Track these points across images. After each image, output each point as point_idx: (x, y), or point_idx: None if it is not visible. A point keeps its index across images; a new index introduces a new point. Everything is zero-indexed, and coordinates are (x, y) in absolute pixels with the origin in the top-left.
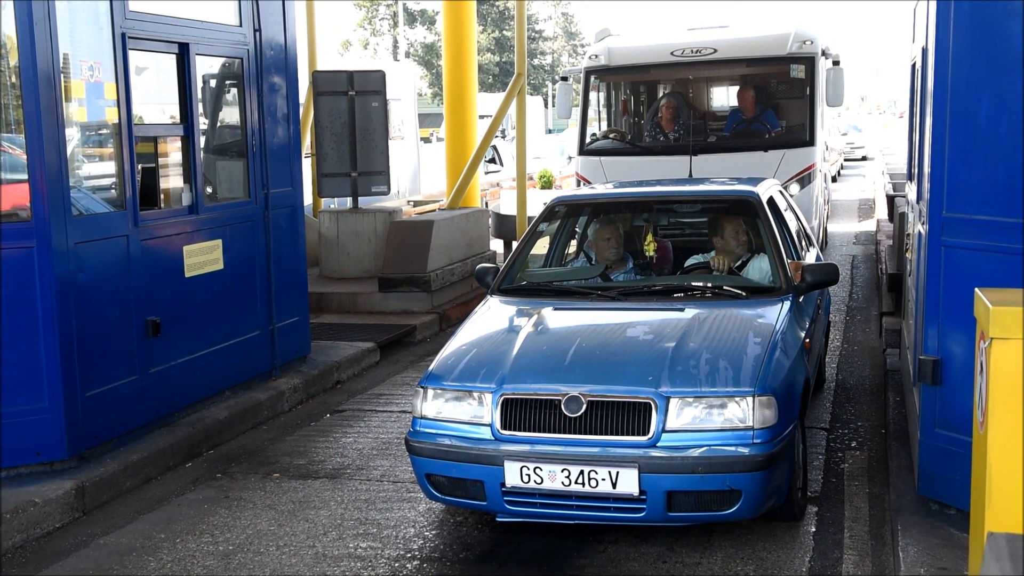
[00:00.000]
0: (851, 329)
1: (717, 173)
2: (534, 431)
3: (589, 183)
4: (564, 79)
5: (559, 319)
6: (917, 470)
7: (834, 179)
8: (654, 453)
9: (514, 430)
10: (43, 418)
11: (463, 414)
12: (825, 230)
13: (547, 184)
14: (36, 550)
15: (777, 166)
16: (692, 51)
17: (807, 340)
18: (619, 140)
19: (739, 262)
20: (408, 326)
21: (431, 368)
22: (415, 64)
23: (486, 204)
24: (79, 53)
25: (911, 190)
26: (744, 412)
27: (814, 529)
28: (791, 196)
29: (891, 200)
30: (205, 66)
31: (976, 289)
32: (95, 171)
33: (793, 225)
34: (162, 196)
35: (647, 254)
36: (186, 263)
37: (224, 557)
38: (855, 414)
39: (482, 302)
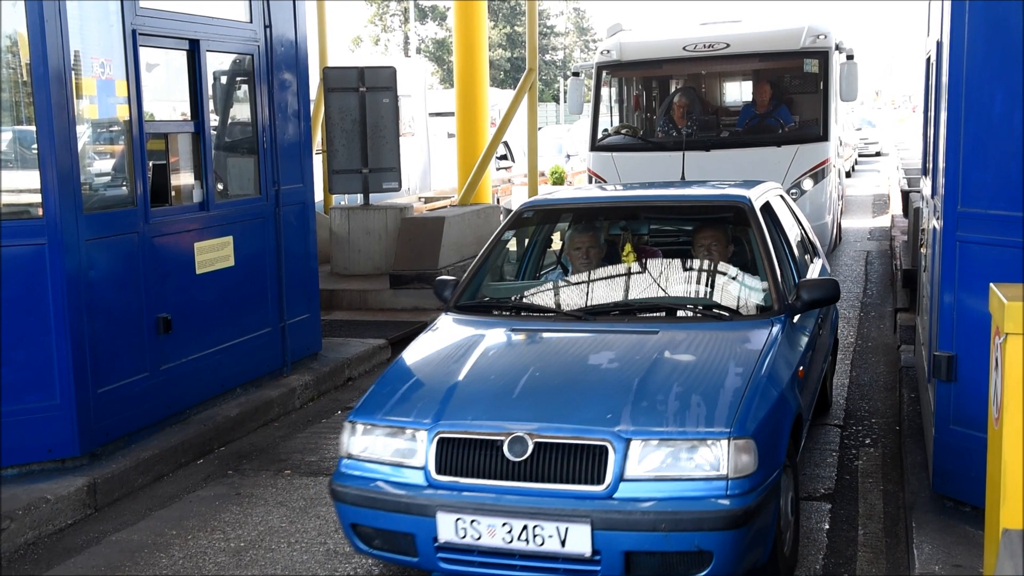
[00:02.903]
0: (865, 325)
1: (729, 168)
2: (473, 476)
3: (602, 180)
4: (576, 75)
5: (515, 343)
6: (932, 467)
7: (848, 174)
8: (610, 506)
9: (450, 475)
10: (55, 415)
11: (394, 455)
12: (839, 226)
13: (559, 180)
14: (48, 547)
15: (790, 161)
16: (705, 46)
17: (800, 368)
18: (631, 136)
19: (727, 277)
20: (419, 323)
21: (362, 399)
22: (426, 60)
23: (497, 200)
24: (90, 50)
25: (926, 185)
26: (717, 458)
27: (828, 527)
28: (805, 191)
29: (906, 195)
30: (216, 63)
31: (991, 284)
32: (106, 168)
33: (794, 234)
34: (173, 193)
35: (629, 262)
36: (197, 260)
37: (235, 554)
38: (869, 411)
39: (435, 320)
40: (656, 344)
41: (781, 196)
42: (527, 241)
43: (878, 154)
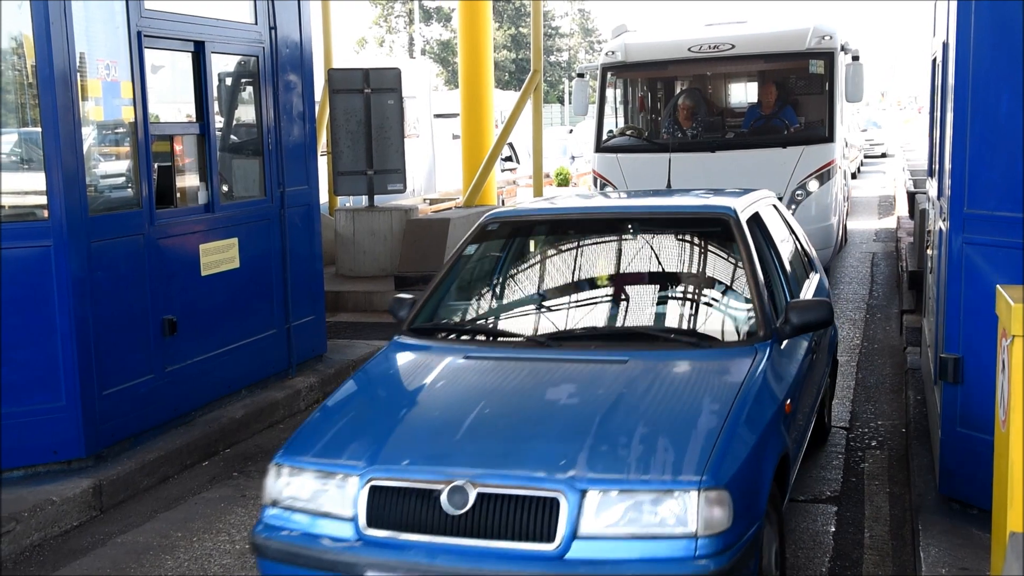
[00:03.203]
0: (871, 327)
1: (734, 170)
2: (407, 531)
3: (608, 181)
4: (581, 76)
5: (468, 372)
6: (938, 469)
7: (854, 176)
8: (561, 569)
9: (383, 529)
10: (60, 417)
11: (322, 504)
12: (845, 227)
13: (564, 182)
14: (54, 548)
15: (796, 163)
16: (710, 47)
17: (788, 401)
18: (636, 137)
19: (708, 298)
20: None
21: (290, 438)
22: (431, 62)
23: (502, 202)
24: (95, 52)
25: (932, 186)
26: (685, 512)
27: (834, 529)
28: (810, 193)
29: (912, 196)
30: (221, 64)
31: (998, 286)
32: (111, 170)
33: (788, 248)
34: (178, 195)
35: (602, 282)
36: (202, 262)
37: (241, 556)
38: (875, 413)
39: (386, 344)
40: (623, 376)
41: (774, 206)
42: (493, 257)
43: (884, 155)
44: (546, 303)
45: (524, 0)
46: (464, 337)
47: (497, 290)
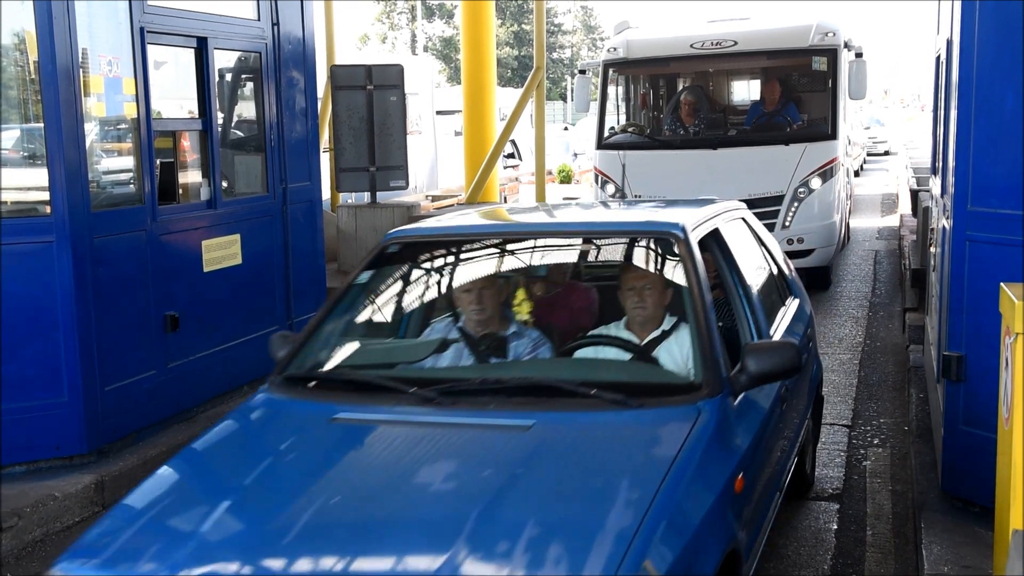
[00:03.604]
0: (874, 325)
1: (738, 167)
2: None
3: (609, 178)
4: (582, 72)
5: (325, 444)
6: (941, 467)
7: (856, 173)
8: None
9: None
10: (62, 412)
11: None
12: (847, 225)
13: (566, 179)
14: (56, 544)
15: (799, 160)
16: (712, 43)
17: (740, 476)
18: (638, 134)
19: (652, 336)
20: None
21: (79, 538)
22: (433, 58)
23: (505, 199)
24: (98, 48)
25: (935, 184)
26: None
27: (836, 527)
28: (813, 190)
29: (915, 194)
30: (223, 60)
31: (1001, 284)
32: (114, 166)
33: (757, 271)
34: (180, 191)
35: (519, 318)
36: (204, 258)
37: None
38: (877, 411)
39: (246, 398)
40: (523, 448)
41: (743, 219)
42: (391, 285)
43: (887, 153)
44: (445, 345)
45: None
46: (337, 390)
47: (389, 328)
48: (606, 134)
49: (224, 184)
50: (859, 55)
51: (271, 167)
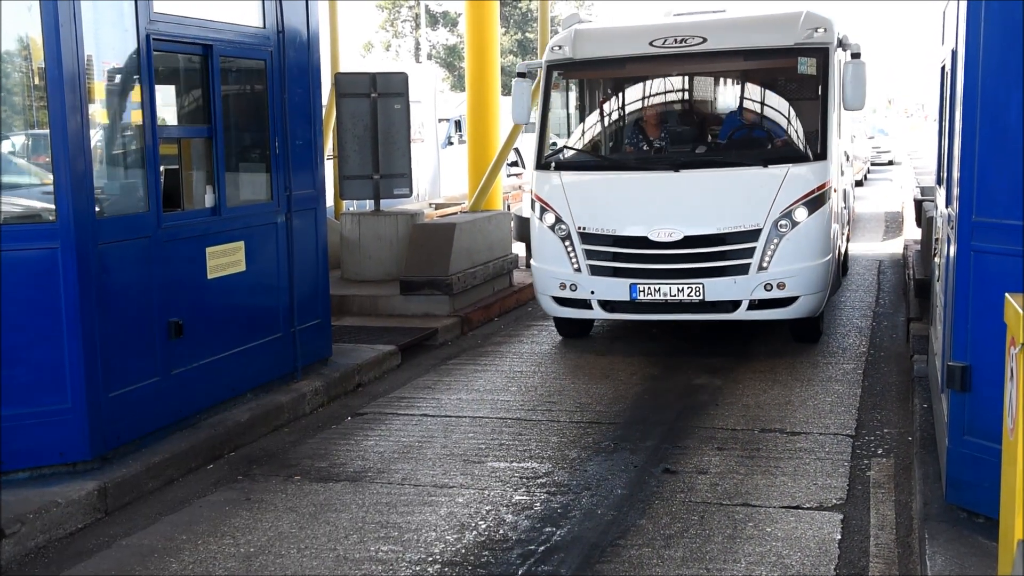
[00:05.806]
0: (878, 335)
1: (705, 193)
2: None
3: (548, 205)
4: (522, 75)
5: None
6: (945, 477)
7: (860, 184)
8: None
9: None
10: (66, 419)
11: None
12: (845, 256)
13: None
14: (59, 550)
15: (779, 186)
16: (676, 40)
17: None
18: (584, 152)
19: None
20: (430, 329)
21: None
22: (437, 66)
23: (508, 207)
24: (103, 54)
25: (940, 195)
26: None
27: (840, 536)
28: (797, 223)
29: (919, 205)
30: (229, 67)
31: (1007, 294)
32: (119, 172)
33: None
34: (185, 198)
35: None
36: (208, 265)
37: (245, 559)
38: (881, 421)
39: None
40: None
41: None
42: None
43: (891, 163)
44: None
45: (531, 5)
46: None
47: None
48: (546, 152)
49: (229, 191)
50: (856, 55)
51: (276, 174)
